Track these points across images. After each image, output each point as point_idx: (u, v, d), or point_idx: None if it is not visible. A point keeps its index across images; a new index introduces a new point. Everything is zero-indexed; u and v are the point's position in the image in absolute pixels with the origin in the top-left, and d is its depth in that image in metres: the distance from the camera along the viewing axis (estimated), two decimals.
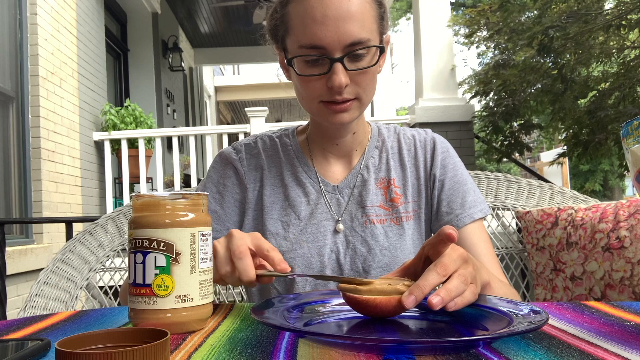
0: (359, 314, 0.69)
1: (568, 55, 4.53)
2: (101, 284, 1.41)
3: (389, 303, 0.64)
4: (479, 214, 1.02)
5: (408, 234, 1.01)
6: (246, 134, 5.17)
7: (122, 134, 4.95)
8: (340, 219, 1.01)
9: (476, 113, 5.43)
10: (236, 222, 1.05)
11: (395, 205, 1.02)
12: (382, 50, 0.91)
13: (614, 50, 4.55)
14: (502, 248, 1.53)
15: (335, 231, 1.00)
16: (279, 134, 1.10)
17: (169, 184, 5.65)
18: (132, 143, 5.09)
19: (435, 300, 0.60)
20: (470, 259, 0.68)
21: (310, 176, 1.03)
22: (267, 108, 5.35)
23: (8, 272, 3.08)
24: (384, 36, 0.95)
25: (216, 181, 1.07)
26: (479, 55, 7.20)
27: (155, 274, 0.64)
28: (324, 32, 0.85)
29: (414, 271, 0.72)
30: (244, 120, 15.64)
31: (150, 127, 5.34)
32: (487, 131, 5.35)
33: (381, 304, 0.64)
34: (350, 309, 0.70)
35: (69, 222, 2.78)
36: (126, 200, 4.94)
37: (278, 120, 16.39)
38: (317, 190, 1.02)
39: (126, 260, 1.42)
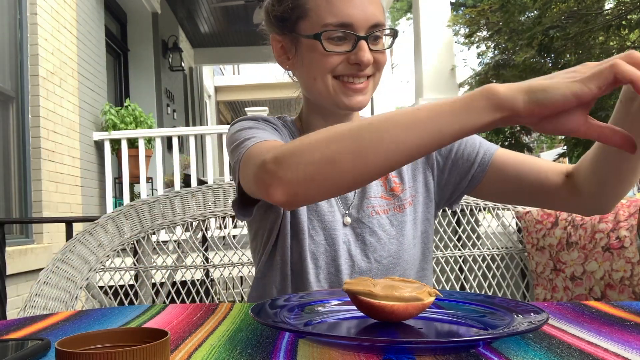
0: (359, 314, 0.69)
1: (568, 56, 4.53)
2: (101, 283, 1.41)
3: (406, 310, 0.62)
4: (496, 146, 1.03)
5: (409, 220, 1.03)
6: None
7: (122, 134, 4.95)
8: (347, 212, 1.02)
9: None
10: None
11: (396, 194, 1.04)
12: (396, 35, 0.97)
13: (614, 51, 4.55)
14: (502, 248, 1.53)
15: (344, 224, 1.01)
16: (280, 118, 1.08)
17: (169, 184, 5.64)
18: (132, 143, 5.09)
19: None
20: None
21: None
22: (267, 108, 5.35)
23: (8, 272, 3.08)
24: None
25: (260, 121, 0.98)
26: (479, 55, 7.19)
27: None
28: (354, 10, 0.90)
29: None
30: None
31: (150, 127, 5.34)
32: (487, 132, 5.35)
33: (398, 310, 0.62)
34: (350, 309, 0.70)
35: (69, 222, 2.78)
36: (126, 200, 4.94)
37: None
38: None
39: (126, 260, 1.42)
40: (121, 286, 1.45)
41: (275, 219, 1.00)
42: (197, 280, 1.47)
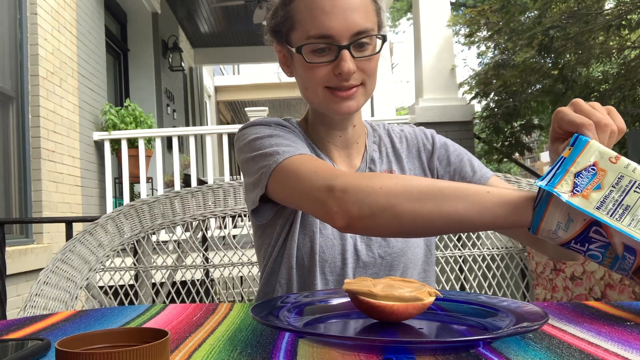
0: (359, 314, 0.69)
1: (568, 56, 4.52)
2: (101, 283, 1.41)
3: (406, 310, 0.62)
4: (490, 172, 1.08)
5: None
6: None
7: (122, 134, 4.95)
8: None
9: (477, 114, 5.42)
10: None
11: None
12: (384, 40, 0.96)
13: (614, 51, 4.55)
14: (502, 248, 1.53)
15: None
16: (286, 120, 1.10)
17: (169, 184, 5.64)
18: (132, 143, 5.09)
19: None
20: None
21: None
22: (267, 108, 5.34)
23: (8, 272, 3.08)
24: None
25: (274, 126, 1.00)
26: (479, 55, 7.19)
27: None
28: (333, 22, 0.90)
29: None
30: (244, 120, 15.63)
31: (150, 127, 5.34)
32: (488, 132, 5.35)
33: (398, 310, 0.62)
34: (350, 309, 0.70)
35: (69, 222, 2.79)
36: (126, 200, 4.94)
37: None
38: None
39: (126, 260, 1.42)
40: (121, 286, 1.45)
41: (289, 216, 1.01)
42: (197, 280, 1.47)
